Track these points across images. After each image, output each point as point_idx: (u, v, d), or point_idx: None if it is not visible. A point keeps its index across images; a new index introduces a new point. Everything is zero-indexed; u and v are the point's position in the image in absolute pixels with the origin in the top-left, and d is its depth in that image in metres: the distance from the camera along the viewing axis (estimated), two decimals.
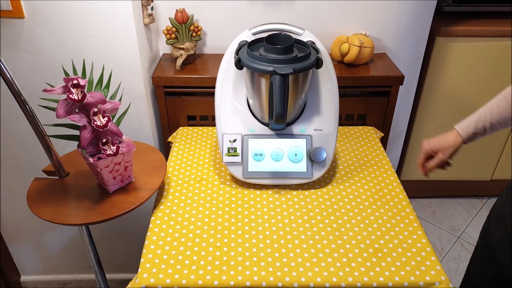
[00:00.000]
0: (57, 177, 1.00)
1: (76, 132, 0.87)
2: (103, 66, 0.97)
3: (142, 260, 0.86)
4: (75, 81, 0.81)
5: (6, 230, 1.55)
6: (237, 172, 1.04)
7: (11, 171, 1.39)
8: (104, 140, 0.87)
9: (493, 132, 0.89)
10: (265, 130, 1.05)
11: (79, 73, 0.89)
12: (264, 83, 0.95)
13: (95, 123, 0.84)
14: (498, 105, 0.86)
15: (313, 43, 1.02)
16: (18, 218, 1.51)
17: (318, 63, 0.96)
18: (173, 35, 1.30)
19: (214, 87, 1.07)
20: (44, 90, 0.82)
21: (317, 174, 1.04)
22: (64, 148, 1.11)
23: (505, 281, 0.87)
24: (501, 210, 0.90)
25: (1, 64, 0.82)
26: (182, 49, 1.30)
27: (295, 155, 1.03)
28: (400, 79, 1.30)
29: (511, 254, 0.84)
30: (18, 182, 1.41)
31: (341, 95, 1.08)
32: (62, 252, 1.63)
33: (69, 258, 1.64)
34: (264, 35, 1.00)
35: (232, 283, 0.81)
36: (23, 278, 1.70)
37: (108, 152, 0.87)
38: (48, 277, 1.70)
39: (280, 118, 0.94)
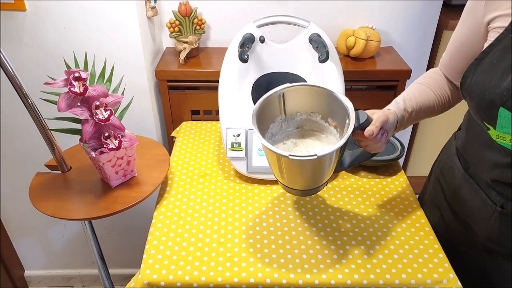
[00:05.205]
0: (59, 172, 1.00)
1: (78, 126, 0.86)
2: (105, 59, 0.95)
3: (144, 256, 0.85)
4: (76, 74, 0.80)
5: (10, 225, 1.55)
6: (241, 167, 1.02)
7: (14, 165, 1.39)
8: (106, 134, 0.86)
9: (417, 117, 0.84)
10: None
11: (81, 66, 0.88)
12: None
13: (97, 116, 0.83)
14: (419, 90, 0.85)
15: (319, 36, 1.00)
16: (21, 213, 1.50)
17: (322, 57, 0.94)
18: (176, 28, 1.28)
19: (218, 81, 1.06)
20: (46, 83, 0.81)
21: None
22: (66, 142, 1.10)
23: None
24: (433, 197, 0.95)
25: (3, 58, 0.81)
26: (186, 42, 1.29)
27: None
28: (407, 73, 1.28)
29: (450, 233, 0.89)
30: (20, 176, 1.41)
31: (347, 89, 1.07)
32: (65, 247, 1.63)
33: (72, 253, 1.64)
34: (269, 27, 0.98)
35: (235, 279, 0.79)
36: (27, 272, 1.71)
37: (111, 146, 0.86)
38: (52, 272, 1.71)
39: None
